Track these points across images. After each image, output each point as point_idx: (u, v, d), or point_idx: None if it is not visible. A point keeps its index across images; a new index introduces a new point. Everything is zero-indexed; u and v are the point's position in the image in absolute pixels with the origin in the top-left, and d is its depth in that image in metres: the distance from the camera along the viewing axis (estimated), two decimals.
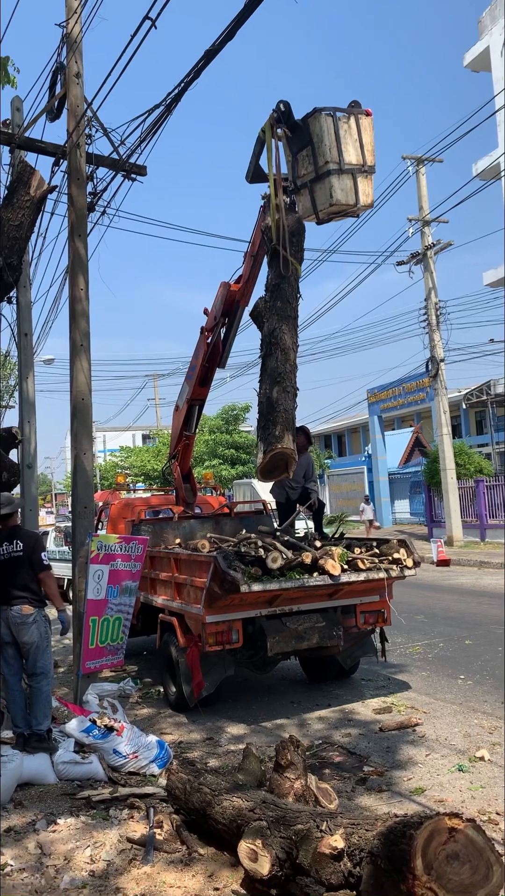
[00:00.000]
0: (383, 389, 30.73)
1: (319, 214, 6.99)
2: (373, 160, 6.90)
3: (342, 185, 6.75)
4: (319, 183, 6.82)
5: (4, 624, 5.77)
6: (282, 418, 6.93)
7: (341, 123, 6.78)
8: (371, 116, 6.92)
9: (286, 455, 6.89)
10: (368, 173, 6.91)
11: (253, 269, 8.46)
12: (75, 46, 7.91)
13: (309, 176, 6.89)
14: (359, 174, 6.82)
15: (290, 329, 7.31)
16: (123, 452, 46.97)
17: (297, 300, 7.54)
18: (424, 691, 7.50)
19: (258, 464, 6.92)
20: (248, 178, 7.81)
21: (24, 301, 11.48)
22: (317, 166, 6.77)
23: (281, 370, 7.08)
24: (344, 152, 6.72)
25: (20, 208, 6.61)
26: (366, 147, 6.85)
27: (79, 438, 7.83)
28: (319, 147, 6.72)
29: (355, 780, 5.35)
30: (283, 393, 7.05)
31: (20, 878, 4.03)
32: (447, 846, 2.95)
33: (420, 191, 23.24)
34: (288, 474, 7.22)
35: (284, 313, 7.32)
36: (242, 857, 3.67)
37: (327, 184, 6.73)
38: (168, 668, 7.69)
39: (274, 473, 7.18)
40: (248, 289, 8.66)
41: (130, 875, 4.01)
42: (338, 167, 6.70)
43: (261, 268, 8.35)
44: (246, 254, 8.58)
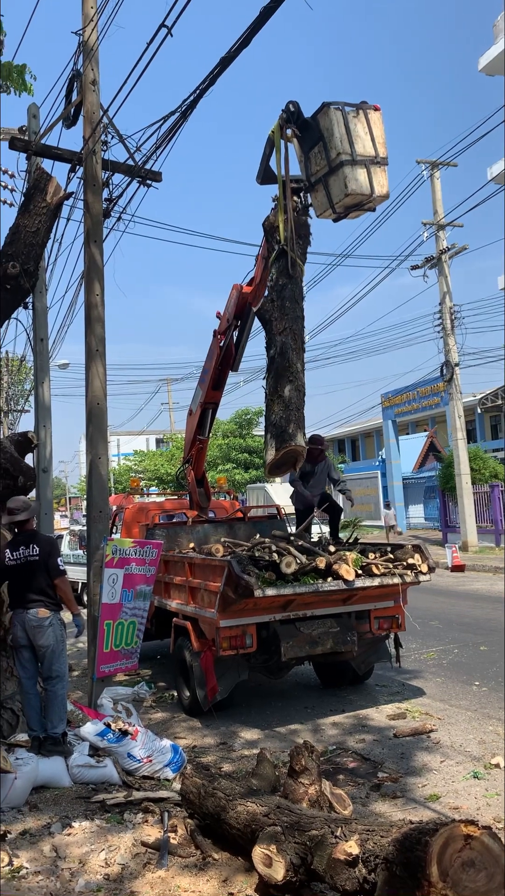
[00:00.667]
0: (398, 394, 30.62)
1: (335, 207, 6.99)
2: (385, 152, 6.92)
3: (356, 175, 6.75)
4: (333, 175, 6.84)
5: (20, 627, 5.80)
6: (295, 416, 6.98)
7: (351, 117, 6.82)
8: (380, 111, 6.96)
9: (297, 452, 6.96)
10: (382, 164, 6.91)
11: (265, 271, 8.47)
12: (91, 54, 7.98)
13: (323, 170, 6.91)
14: (372, 165, 6.83)
15: (299, 329, 7.36)
16: (137, 456, 47.12)
17: (302, 300, 7.60)
18: (438, 697, 7.47)
19: (268, 459, 6.97)
20: (258, 179, 7.84)
21: (40, 306, 11.58)
22: (329, 159, 6.79)
23: (293, 369, 7.13)
24: (356, 144, 6.74)
25: (37, 215, 6.66)
26: (377, 139, 6.87)
27: (94, 443, 7.88)
28: (331, 140, 6.75)
29: (370, 786, 5.33)
30: (294, 391, 7.10)
31: (35, 880, 4.05)
32: (463, 853, 2.94)
33: (435, 195, 23.19)
34: (294, 469, 7.31)
35: (295, 314, 7.34)
36: (257, 862, 3.67)
37: (341, 175, 6.74)
38: (182, 672, 7.70)
39: (282, 469, 7.29)
40: (260, 291, 8.68)
41: (145, 879, 4.02)
42: (350, 158, 6.71)
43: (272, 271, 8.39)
44: (258, 256, 8.61)
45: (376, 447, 41.94)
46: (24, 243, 6.59)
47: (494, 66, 24.27)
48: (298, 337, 7.28)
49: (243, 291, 8.76)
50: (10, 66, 7.66)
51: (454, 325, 22.79)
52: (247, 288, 8.76)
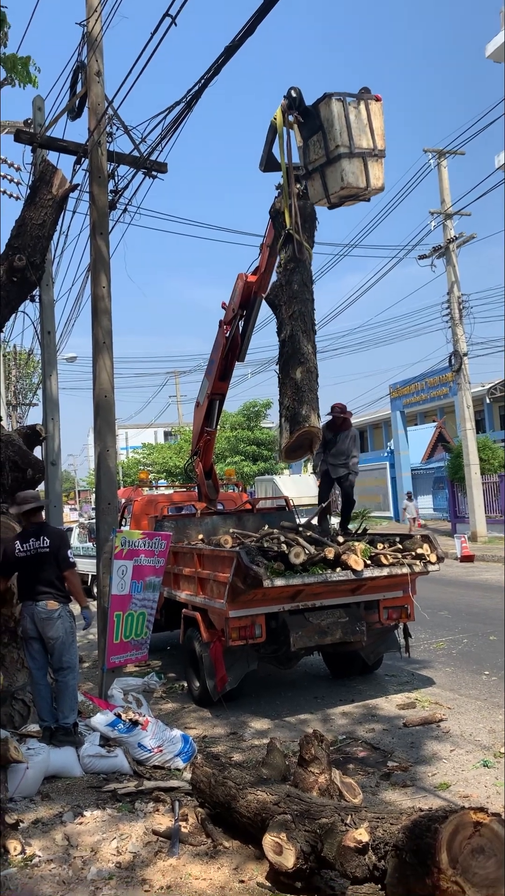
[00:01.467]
0: (406, 384, 30.52)
1: (330, 198, 7.06)
2: (383, 144, 6.96)
3: (353, 169, 6.81)
4: (330, 167, 6.89)
5: (30, 619, 5.82)
6: (308, 398, 7.06)
7: (351, 108, 6.86)
8: (381, 102, 7.00)
9: (312, 434, 7.02)
10: (379, 157, 6.97)
11: (269, 259, 8.49)
12: (96, 45, 7.95)
13: (320, 160, 6.96)
14: (369, 158, 6.88)
15: (309, 311, 7.41)
16: (146, 449, 47.20)
17: (311, 283, 7.62)
18: (448, 687, 7.47)
19: (283, 444, 7.04)
20: (261, 167, 7.86)
21: (46, 299, 11.57)
22: (328, 150, 6.84)
23: (304, 351, 7.20)
24: (354, 136, 6.79)
25: (42, 207, 6.66)
26: (376, 131, 6.91)
27: (102, 436, 7.89)
28: (330, 131, 6.79)
29: (379, 775, 5.35)
30: (307, 374, 7.18)
31: (48, 868, 4.09)
32: (472, 840, 2.95)
33: (442, 184, 23.05)
34: (311, 453, 7.34)
35: (303, 296, 7.42)
36: (267, 850, 3.69)
37: (338, 167, 6.79)
38: (192, 662, 7.73)
39: (298, 452, 7.35)
40: (265, 279, 8.68)
41: (156, 867, 4.04)
42: (348, 151, 6.77)
43: (277, 259, 8.40)
44: (262, 245, 8.60)
45: (385, 438, 41.84)
46: (30, 236, 6.60)
47: (500, 54, 24.05)
48: (308, 320, 7.32)
49: (248, 281, 8.76)
50: (15, 58, 7.61)
51: (462, 315, 22.67)
52: (251, 277, 8.76)
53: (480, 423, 33.31)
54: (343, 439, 9.03)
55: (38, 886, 3.88)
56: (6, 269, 6.43)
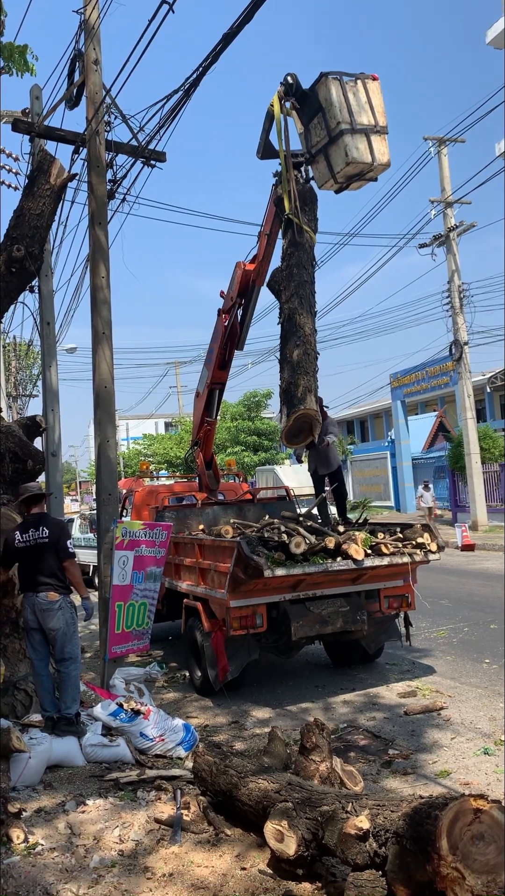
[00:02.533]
0: (406, 374, 30.47)
1: (336, 177, 7.00)
2: (385, 121, 6.92)
3: (357, 144, 6.77)
4: (333, 145, 6.86)
5: (30, 610, 5.83)
6: (304, 381, 6.93)
7: (349, 87, 6.85)
8: (378, 80, 6.98)
9: (310, 417, 6.90)
10: (382, 133, 6.93)
11: (267, 247, 8.46)
12: (93, 33, 7.90)
13: (323, 141, 6.93)
14: (372, 133, 6.84)
15: (307, 294, 7.34)
16: (146, 440, 47.19)
17: (312, 266, 7.58)
18: (448, 675, 7.49)
19: (283, 428, 6.99)
20: (258, 154, 7.83)
21: (45, 290, 11.55)
22: (329, 129, 6.81)
23: (301, 334, 7.10)
24: (355, 113, 6.76)
25: (41, 197, 6.63)
26: (376, 108, 6.88)
27: (102, 427, 7.89)
28: (330, 110, 6.76)
29: (380, 762, 5.37)
30: (304, 356, 7.06)
31: (51, 857, 4.11)
32: (472, 827, 2.96)
33: (442, 172, 22.93)
34: (313, 437, 7.23)
35: (301, 279, 7.35)
36: (269, 837, 3.71)
37: (342, 144, 6.76)
38: (193, 652, 7.75)
39: (299, 437, 7.21)
40: (262, 268, 8.66)
41: (159, 855, 4.07)
42: (350, 127, 6.74)
43: (275, 246, 8.42)
44: (260, 233, 8.58)
45: (385, 428, 41.82)
46: (28, 226, 6.57)
47: (501, 40, 23.84)
48: (306, 301, 7.24)
49: (246, 269, 8.74)
50: (12, 47, 7.56)
51: (463, 304, 22.61)
52: (249, 266, 8.73)
53: (481, 413, 33.29)
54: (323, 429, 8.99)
55: (41, 874, 3.90)
56: (5, 260, 6.41)
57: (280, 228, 7.82)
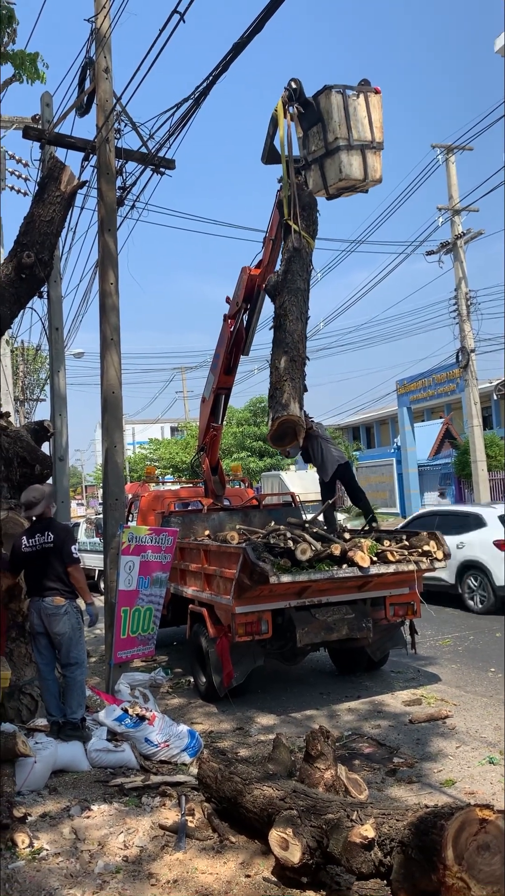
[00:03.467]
0: (413, 380, 30.45)
1: (328, 189, 7.25)
2: (381, 137, 7.16)
3: (351, 161, 6.96)
4: (328, 158, 7.05)
5: (36, 615, 5.85)
6: (288, 387, 7.03)
7: (351, 100, 7.00)
8: (380, 94, 7.17)
9: (293, 422, 7.00)
10: (377, 149, 7.14)
11: (273, 253, 8.52)
12: (104, 41, 7.96)
13: (319, 152, 7.11)
14: (368, 150, 7.02)
15: (298, 301, 7.42)
16: (152, 445, 47.23)
17: (308, 273, 7.67)
18: (454, 684, 7.48)
19: (268, 432, 7.11)
20: (263, 159, 7.93)
21: (54, 296, 11.60)
22: (327, 142, 7.00)
23: (288, 340, 7.18)
24: (353, 129, 6.94)
25: (51, 204, 6.67)
26: (375, 124, 7.08)
27: (110, 432, 7.92)
28: (329, 124, 6.95)
29: (385, 771, 5.36)
30: (290, 363, 7.16)
31: (56, 861, 4.12)
32: (478, 837, 2.96)
33: (450, 179, 22.94)
34: (297, 442, 7.37)
35: (294, 286, 7.43)
36: (273, 845, 3.71)
37: (337, 159, 6.93)
38: (198, 658, 7.76)
39: (284, 441, 7.33)
40: (268, 273, 8.70)
41: (163, 861, 4.07)
42: (347, 143, 6.93)
43: (280, 252, 8.45)
44: (265, 238, 8.63)
45: (391, 434, 41.77)
46: (38, 233, 6.61)
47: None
48: (296, 308, 7.31)
49: (251, 274, 8.78)
50: (23, 55, 7.62)
51: (470, 311, 22.60)
52: (255, 270, 8.77)
53: (488, 420, 33.23)
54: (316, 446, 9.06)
55: (45, 879, 3.92)
56: (15, 266, 6.44)
57: (282, 230, 7.93)
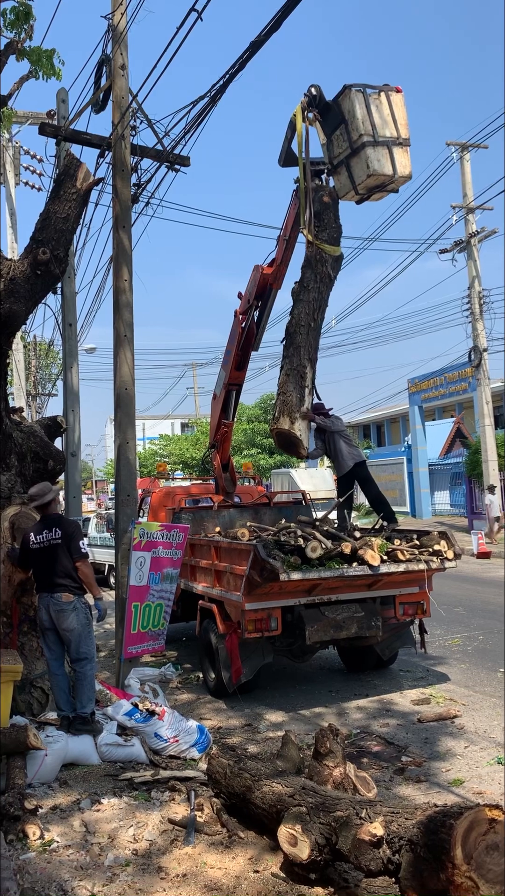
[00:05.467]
0: (425, 379, 30.37)
1: (357, 188, 7.11)
2: (407, 133, 7.03)
3: (378, 156, 6.84)
4: (354, 157, 6.94)
5: (45, 610, 5.88)
6: (280, 401, 7.55)
7: (372, 99, 6.91)
8: (401, 93, 7.08)
9: (282, 434, 7.52)
10: (404, 145, 7.01)
11: (286, 252, 8.54)
12: (121, 38, 7.98)
13: (345, 153, 7.01)
14: (394, 146, 6.91)
15: (303, 312, 7.63)
16: (163, 440, 47.34)
17: (319, 281, 7.78)
18: (463, 683, 7.48)
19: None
20: (280, 162, 7.94)
21: (68, 292, 11.65)
22: (351, 141, 6.89)
23: (286, 354, 7.60)
24: (377, 125, 6.84)
25: (67, 201, 6.70)
26: (399, 121, 6.98)
27: (122, 428, 7.95)
28: (353, 122, 6.85)
29: (394, 769, 5.38)
30: (286, 376, 7.57)
31: (66, 854, 4.16)
32: (487, 837, 2.98)
33: (464, 178, 22.85)
34: (300, 452, 7.82)
35: (299, 297, 7.71)
36: (282, 841, 3.74)
37: (363, 156, 6.83)
38: (207, 654, 7.79)
39: (289, 449, 7.93)
40: (280, 272, 8.73)
41: (172, 855, 4.11)
42: (372, 139, 6.81)
43: (293, 251, 8.52)
44: (279, 237, 8.64)
45: (402, 433, 41.66)
46: (54, 229, 6.64)
47: None
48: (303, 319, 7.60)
49: (264, 272, 8.79)
50: (40, 51, 7.65)
51: (483, 310, 22.52)
52: (267, 269, 8.78)
53: (499, 419, 33.08)
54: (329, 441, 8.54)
55: (56, 871, 3.95)
56: (30, 263, 6.47)
57: (298, 233, 7.96)
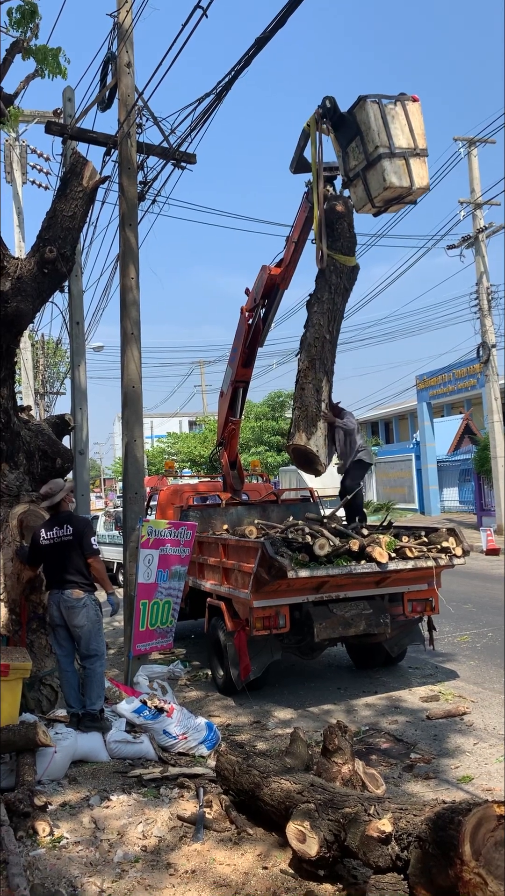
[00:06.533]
0: (433, 375, 30.29)
1: (374, 202, 6.95)
2: (424, 143, 6.86)
3: (395, 168, 6.71)
4: (371, 169, 6.79)
5: (56, 607, 5.90)
6: (295, 416, 7.75)
7: (388, 109, 6.77)
8: (418, 102, 6.91)
9: (297, 450, 7.78)
10: (421, 156, 6.85)
11: (294, 254, 8.54)
12: (126, 36, 7.97)
13: (360, 165, 6.87)
14: (411, 157, 6.77)
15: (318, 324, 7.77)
16: (171, 438, 47.36)
17: (334, 293, 7.84)
18: (471, 680, 7.47)
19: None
20: (291, 168, 7.93)
21: (75, 290, 11.67)
22: (367, 153, 6.75)
23: (300, 368, 7.86)
24: (393, 136, 6.70)
25: (73, 199, 6.71)
26: (416, 131, 6.82)
27: (130, 426, 7.96)
28: (368, 134, 6.71)
29: (402, 766, 5.37)
30: (301, 390, 7.80)
31: (76, 850, 4.18)
32: (496, 833, 2.96)
33: (472, 173, 22.75)
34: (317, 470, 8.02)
35: (314, 309, 7.85)
36: (291, 837, 3.74)
37: (379, 168, 6.70)
38: (216, 651, 7.80)
39: (307, 466, 8.12)
40: (288, 273, 8.73)
41: (181, 852, 4.12)
42: (388, 151, 6.67)
43: (301, 253, 8.53)
44: (288, 238, 8.64)
45: (411, 429, 41.57)
46: (61, 228, 6.65)
47: None
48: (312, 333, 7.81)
49: (271, 273, 8.79)
50: (46, 50, 7.65)
51: (491, 306, 22.43)
52: (275, 270, 8.78)
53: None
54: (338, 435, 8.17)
55: (66, 867, 3.97)
56: (37, 261, 6.49)
57: (308, 235, 8.01)
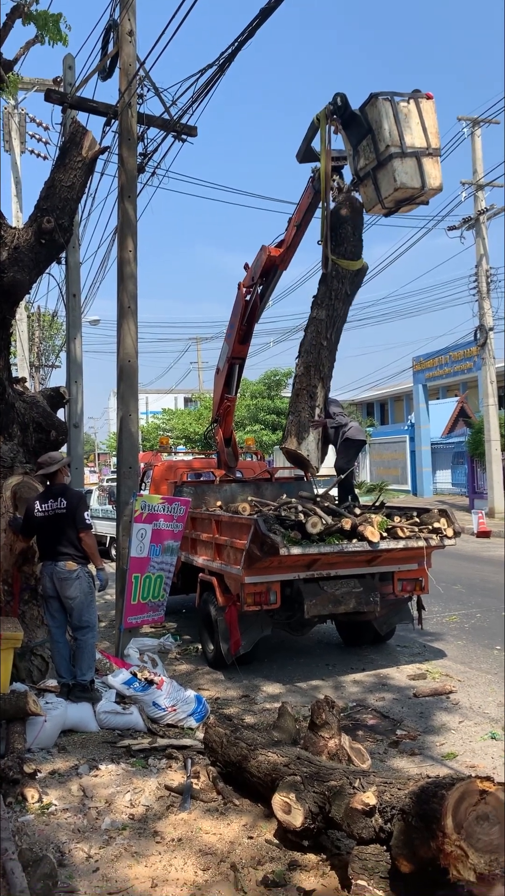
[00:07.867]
0: (429, 357, 30.25)
1: (384, 202, 6.77)
2: (438, 142, 6.64)
3: (406, 169, 6.51)
4: (381, 169, 6.61)
5: (49, 579, 5.94)
6: (289, 420, 7.99)
7: (401, 107, 6.55)
8: (432, 99, 6.69)
9: (288, 453, 7.96)
10: (434, 156, 6.64)
11: (295, 237, 8.50)
12: (129, 4, 7.84)
13: (371, 164, 6.69)
14: (424, 156, 6.57)
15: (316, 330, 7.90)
16: (166, 415, 47.29)
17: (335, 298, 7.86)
18: (459, 660, 7.55)
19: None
20: (298, 157, 7.85)
21: (73, 261, 11.59)
22: (378, 152, 6.56)
23: (296, 373, 8.08)
24: (406, 135, 6.48)
25: (72, 169, 6.63)
26: (429, 129, 6.59)
27: (125, 400, 7.95)
28: (379, 132, 6.51)
29: (388, 742, 5.45)
30: (296, 395, 7.99)
31: (64, 817, 4.24)
32: (478, 808, 3.02)
33: (475, 153, 22.56)
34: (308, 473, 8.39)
35: (313, 314, 7.94)
36: (276, 809, 3.80)
37: (390, 168, 6.51)
38: (207, 626, 7.86)
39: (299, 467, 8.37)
40: (287, 255, 8.69)
41: (168, 820, 4.18)
42: (400, 150, 6.46)
43: (303, 237, 8.49)
44: (290, 220, 8.58)
45: (406, 411, 41.58)
46: (59, 198, 6.58)
47: None
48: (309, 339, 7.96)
49: (271, 254, 8.74)
50: (46, 16, 7.50)
51: (490, 289, 22.36)
52: (275, 251, 8.73)
53: (503, 399, 33.00)
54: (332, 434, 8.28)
55: (54, 833, 4.03)
56: (35, 231, 6.43)
57: (310, 220, 8.01)
